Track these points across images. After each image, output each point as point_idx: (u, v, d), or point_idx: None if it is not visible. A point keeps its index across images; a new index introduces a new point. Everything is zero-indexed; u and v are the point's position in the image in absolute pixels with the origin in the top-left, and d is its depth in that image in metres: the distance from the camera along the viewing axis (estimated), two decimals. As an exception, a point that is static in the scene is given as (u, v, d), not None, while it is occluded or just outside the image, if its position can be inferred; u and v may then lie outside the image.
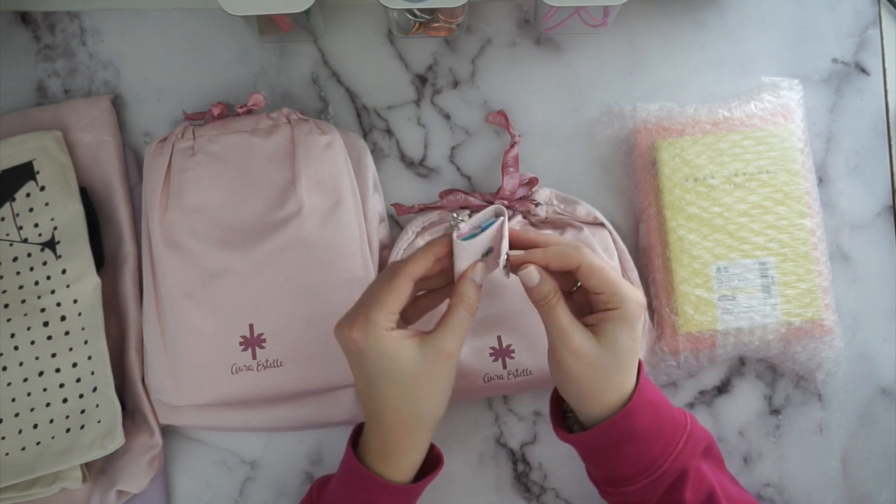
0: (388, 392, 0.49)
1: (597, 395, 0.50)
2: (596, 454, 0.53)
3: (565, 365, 0.49)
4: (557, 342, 0.50)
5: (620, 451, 0.51)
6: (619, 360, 0.50)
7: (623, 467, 0.51)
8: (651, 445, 0.51)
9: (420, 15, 0.64)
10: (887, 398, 0.66)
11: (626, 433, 0.50)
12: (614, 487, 0.53)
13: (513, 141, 0.64)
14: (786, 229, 0.63)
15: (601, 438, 0.51)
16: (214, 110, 0.63)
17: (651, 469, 0.51)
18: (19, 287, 0.61)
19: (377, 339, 0.48)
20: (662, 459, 0.51)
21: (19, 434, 0.59)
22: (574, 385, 0.50)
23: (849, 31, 0.69)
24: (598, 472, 0.54)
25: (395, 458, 0.51)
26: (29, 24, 0.69)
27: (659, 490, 0.51)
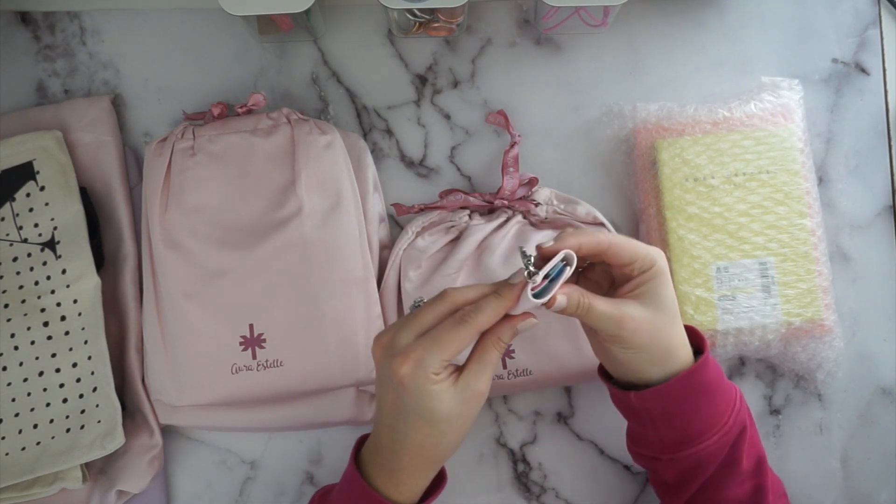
0: (419, 429, 0.48)
1: (667, 354, 0.51)
2: (669, 411, 0.52)
3: (630, 342, 0.49)
4: (613, 329, 0.49)
5: (695, 404, 0.51)
6: (671, 313, 0.51)
7: (696, 422, 0.51)
8: (719, 399, 0.52)
9: (420, 15, 0.64)
10: (887, 398, 0.66)
11: (703, 384, 0.51)
12: (682, 450, 0.52)
13: (513, 141, 0.64)
14: (786, 229, 0.63)
15: (679, 390, 0.51)
16: (214, 110, 0.63)
17: (720, 423, 0.51)
18: (19, 287, 0.61)
19: (424, 382, 0.46)
20: (728, 415, 0.52)
21: (19, 434, 0.59)
22: (644, 355, 0.50)
23: (849, 31, 0.69)
24: (664, 434, 0.52)
25: (406, 485, 0.50)
26: (29, 24, 0.69)
27: (724, 448, 0.51)
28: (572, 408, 0.66)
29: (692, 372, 0.51)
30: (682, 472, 0.53)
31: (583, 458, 0.65)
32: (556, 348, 0.61)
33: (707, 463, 0.52)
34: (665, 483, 0.55)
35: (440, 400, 0.47)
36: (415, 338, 0.47)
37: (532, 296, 0.46)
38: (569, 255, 0.48)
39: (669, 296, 0.51)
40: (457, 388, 0.47)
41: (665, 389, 0.51)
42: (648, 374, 0.51)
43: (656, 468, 0.55)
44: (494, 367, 0.49)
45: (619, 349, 0.50)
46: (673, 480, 0.54)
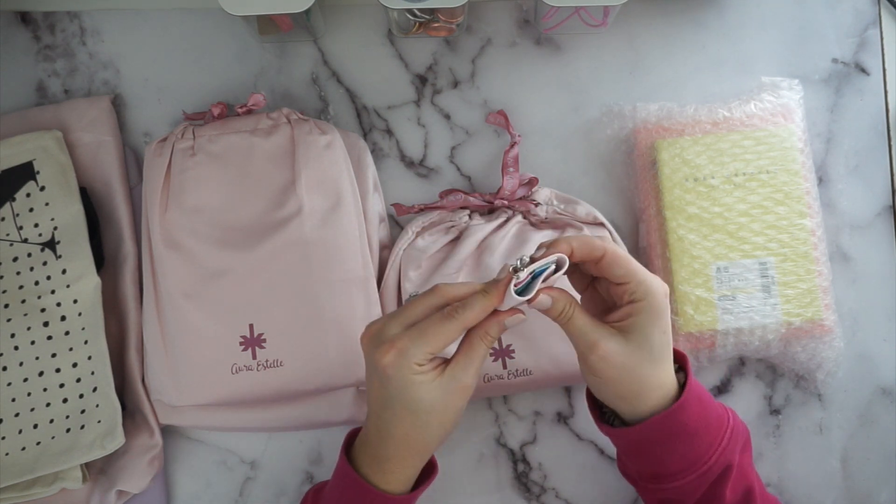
0: (403, 418, 0.49)
1: (636, 394, 0.49)
2: (641, 449, 0.51)
3: (597, 370, 0.48)
4: (585, 352, 0.49)
5: (668, 447, 0.50)
6: (652, 355, 0.48)
7: (669, 463, 0.50)
8: (699, 441, 0.50)
9: (420, 15, 0.64)
10: (887, 398, 0.66)
11: (676, 429, 0.49)
12: (657, 483, 0.51)
13: (513, 141, 0.64)
14: (786, 229, 0.63)
15: (650, 434, 0.49)
16: (214, 110, 0.63)
17: (697, 465, 0.50)
18: (19, 287, 0.61)
19: (407, 372, 0.47)
20: (708, 455, 0.50)
21: (19, 434, 0.59)
22: (610, 387, 0.49)
23: (849, 31, 0.69)
24: (640, 467, 0.53)
25: (394, 474, 0.50)
26: (29, 24, 0.69)
27: (703, 486, 0.50)
28: (572, 408, 0.66)
29: (665, 417, 0.49)
30: (660, 501, 0.53)
31: (583, 458, 0.65)
32: (556, 348, 0.61)
33: (684, 497, 0.51)
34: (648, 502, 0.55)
35: (423, 390, 0.47)
36: (402, 329, 0.48)
37: (514, 291, 0.47)
38: (560, 258, 0.48)
39: (656, 337, 0.48)
40: (442, 380, 0.48)
41: (635, 432, 0.50)
42: (616, 406, 0.51)
43: (637, 491, 0.55)
44: (482, 360, 0.49)
45: (588, 374, 0.50)
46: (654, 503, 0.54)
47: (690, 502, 0.51)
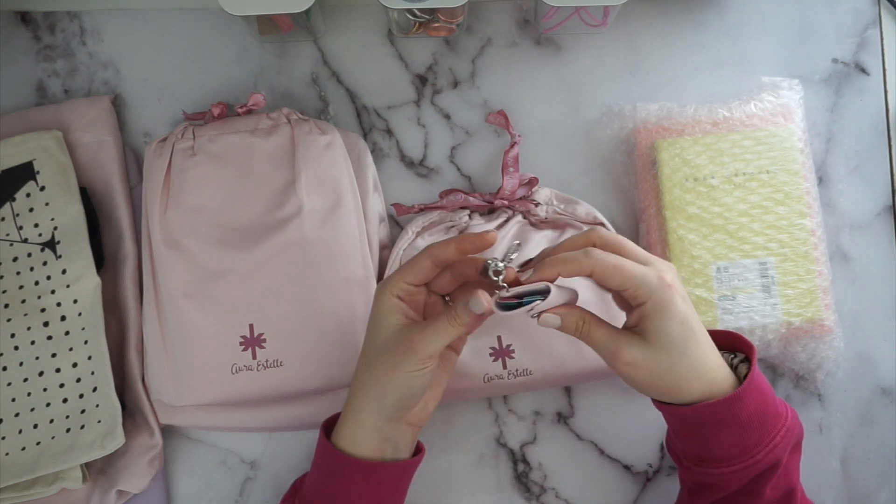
0: (365, 352, 0.51)
1: (676, 388, 0.48)
2: (689, 430, 0.50)
3: (628, 377, 0.48)
4: (610, 360, 0.49)
5: (717, 433, 0.49)
6: (679, 350, 0.47)
7: (716, 449, 0.49)
8: (751, 433, 0.49)
9: (420, 15, 0.64)
10: (887, 398, 0.66)
11: (729, 417, 0.48)
12: (700, 466, 0.51)
13: (513, 141, 0.64)
14: (786, 229, 0.63)
15: (697, 417, 0.49)
16: (214, 110, 0.63)
17: (745, 456, 0.49)
18: (19, 287, 0.61)
19: (380, 298, 0.50)
20: (758, 449, 0.49)
21: (19, 434, 0.59)
22: (647, 389, 0.49)
23: (849, 31, 0.69)
24: (687, 447, 0.52)
25: (357, 434, 0.50)
26: (29, 24, 0.69)
27: (745, 478, 0.50)
28: (572, 408, 0.66)
29: (717, 405, 0.48)
30: (698, 483, 0.52)
31: (583, 458, 0.65)
32: (556, 348, 0.61)
33: (724, 485, 0.51)
34: (685, 483, 0.55)
35: (383, 321, 0.50)
36: None
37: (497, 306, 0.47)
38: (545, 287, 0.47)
39: (675, 331, 0.47)
40: (402, 330, 0.49)
41: (683, 413, 0.49)
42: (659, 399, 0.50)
43: (679, 469, 0.55)
44: (443, 337, 0.49)
45: (623, 378, 0.49)
46: (691, 485, 0.54)
47: (728, 491, 0.51)
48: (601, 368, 0.61)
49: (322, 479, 0.52)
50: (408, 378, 0.49)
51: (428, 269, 0.50)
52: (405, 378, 0.49)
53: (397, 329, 0.50)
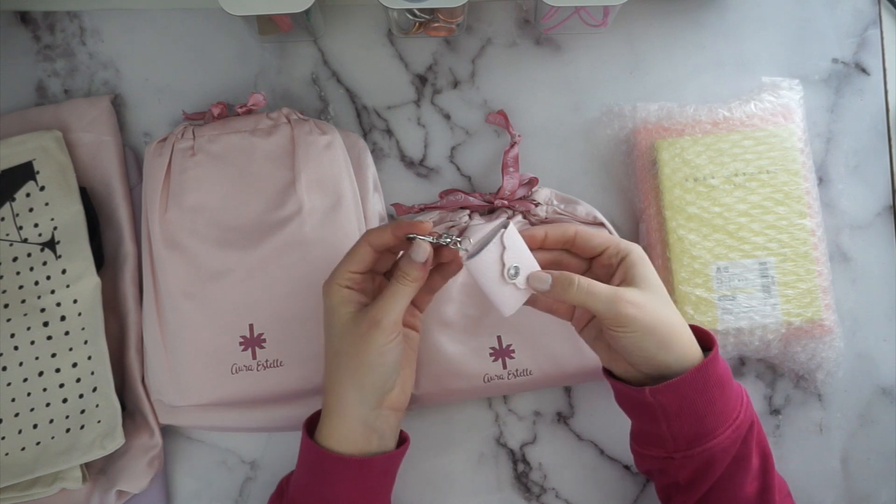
0: (329, 348, 0.52)
1: (673, 337, 0.51)
2: (685, 404, 0.51)
3: (632, 320, 0.49)
4: (614, 307, 0.49)
5: (709, 397, 0.51)
6: (664, 295, 0.52)
7: (710, 416, 0.51)
8: (730, 392, 0.52)
9: (420, 15, 0.64)
10: (887, 398, 0.66)
11: (716, 377, 0.51)
12: (695, 446, 0.51)
13: (513, 141, 0.64)
14: (786, 229, 0.63)
15: (696, 382, 0.50)
16: (214, 110, 0.63)
17: (732, 416, 0.51)
18: (19, 287, 0.61)
19: (329, 291, 0.52)
20: (738, 409, 0.52)
21: (19, 434, 0.59)
22: (648, 338, 0.50)
23: (849, 31, 0.69)
24: (680, 428, 0.52)
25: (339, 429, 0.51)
26: (29, 24, 0.69)
27: (736, 443, 0.51)
28: (572, 408, 0.66)
29: (707, 364, 0.50)
30: (694, 471, 0.52)
31: (583, 458, 0.65)
32: (556, 348, 0.61)
33: (720, 459, 0.51)
34: (675, 484, 0.54)
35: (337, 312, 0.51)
36: None
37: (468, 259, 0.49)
38: (503, 221, 0.50)
39: (657, 280, 0.52)
40: (357, 313, 0.51)
41: (681, 382, 0.50)
42: (658, 358, 0.51)
43: (667, 468, 0.54)
44: (400, 300, 0.50)
45: (623, 333, 0.50)
46: (684, 480, 0.53)
47: (724, 465, 0.52)
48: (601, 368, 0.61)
49: (309, 479, 0.52)
50: (380, 354, 0.50)
51: (368, 255, 0.51)
52: (377, 355, 0.50)
53: (354, 315, 0.51)
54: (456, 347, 0.61)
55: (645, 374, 0.52)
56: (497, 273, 0.49)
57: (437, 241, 0.50)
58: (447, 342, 0.61)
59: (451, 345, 0.61)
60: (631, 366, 0.53)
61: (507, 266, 0.49)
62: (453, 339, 0.61)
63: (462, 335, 0.61)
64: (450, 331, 0.61)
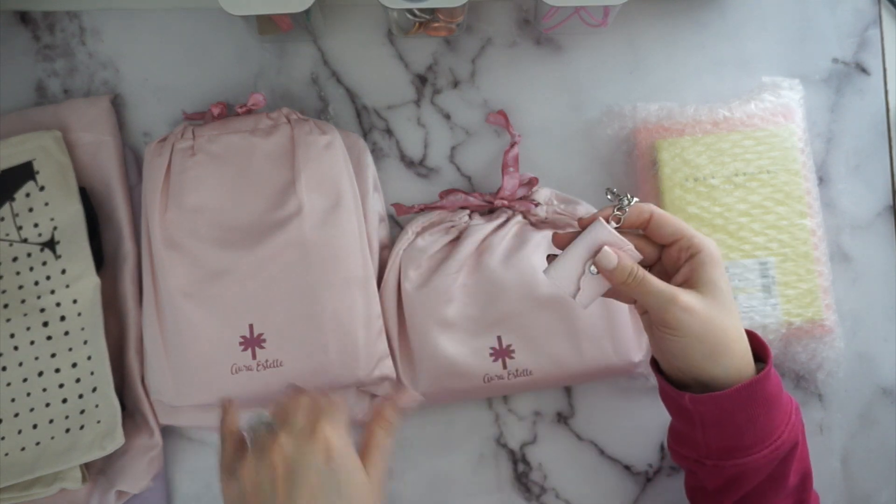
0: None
1: (722, 347, 0.48)
2: (725, 417, 0.49)
3: (681, 325, 0.48)
4: (665, 308, 0.48)
5: (752, 414, 0.49)
6: (727, 304, 0.49)
7: (748, 434, 0.49)
8: (776, 412, 0.49)
9: (420, 15, 0.64)
10: (887, 398, 0.66)
11: (763, 395, 0.49)
12: (728, 459, 0.50)
13: (513, 141, 0.64)
14: (786, 229, 0.63)
15: (740, 399, 0.48)
16: (214, 110, 0.63)
17: (773, 437, 0.49)
18: (19, 287, 0.61)
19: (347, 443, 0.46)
20: (781, 429, 0.49)
21: (19, 434, 0.59)
22: (696, 345, 0.48)
23: (849, 31, 0.69)
24: (715, 440, 0.50)
25: None
26: (29, 24, 0.69)
27: (773, 462, 0.50)
28: (572, 408, 0.66)
29: (755, 382, 0.48)
30: (724, 481, 0.51)
31: (583, 458, 0.65)
32: (556, 348, 0.61)
33: (751, 476, 0.50)
34: (702, 488, 0.54)
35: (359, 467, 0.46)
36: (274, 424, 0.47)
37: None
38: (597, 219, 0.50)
39: (724, 285, 0.49)
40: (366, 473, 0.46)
41: (724, 397, 0.48)
42: (703, 368, 0.49)
43: (697, 471, 0.53)
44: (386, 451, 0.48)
45: (671, 336, 0.49)
46: (712, 487, 0.53)
47: (756, 481, 0.50)
48: (601, 368, 0.61)
49: None
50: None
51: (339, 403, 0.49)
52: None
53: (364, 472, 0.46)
54: (456, 347, 0.61)
55: (690, 378, 0.51)
56: (590, 254, 0.49)
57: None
58: (447, 342, 0.61)
59: (451, 345, 0.61)
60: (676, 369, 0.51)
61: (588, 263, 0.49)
62: (453, 339, 0.61)
63: (462, 335, 0.61)
64: (450, 331, 0.61)
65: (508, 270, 0.61)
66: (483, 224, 0.63)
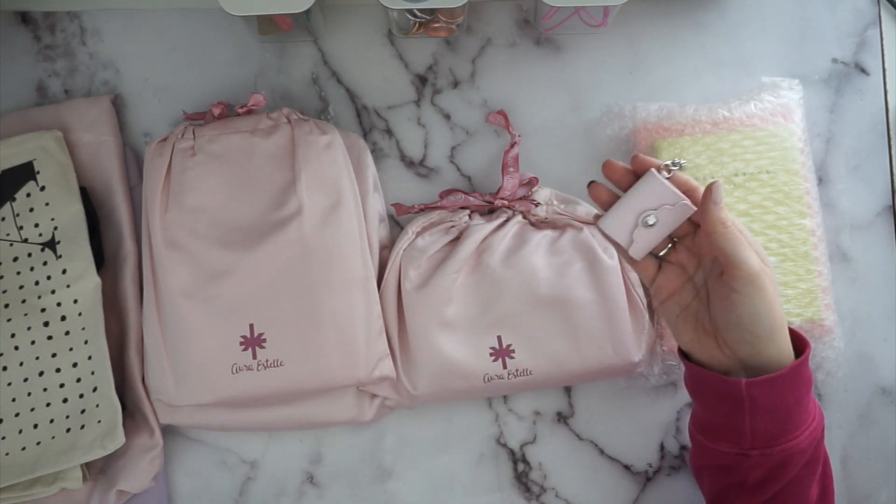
0: None
1: (775, 328, 0.49)
2: (777, 399, 0.50)
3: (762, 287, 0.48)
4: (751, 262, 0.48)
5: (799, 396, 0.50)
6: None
7: (794, 416, 0.50)
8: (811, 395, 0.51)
9: (420, 15, 0.64)
10: (887, 398, 0.66)
11: (807, 377, 0.50)
12: (777, 444, 0.50)
13: (513, 141, 0.64)
14: (786, 229, 0.63)
15: (792, 379, 0.49)
16: (214, 110, 0.63)
17: (809, 418, 0.51)
18: (19, 287, 0.61)
19: None
20: (814, 410, 0.52)
21: (19, 434, 0.59)
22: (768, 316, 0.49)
23: (849, 31, 0.69)
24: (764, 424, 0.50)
25: None
26: (29, 24, 0.69)
27: (813, 443, 0.51)
28: (572, 408, 0.66)
29: (804, 362, 0.50)
30: (768, 471, 0.51)
31: (583, 458, 0.65)
32: (556, 348, 0.61)
33: (796, 460, 0.51)
34: (740, 484, 0.53)
35: None
36: None
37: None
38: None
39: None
40: None
41: (780, 378, 0.49)
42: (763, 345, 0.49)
43: (737, 466, 0.52)
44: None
45: (747, 297, 0.48)
46: (754, 480, 0.52)
47: (800, 465, 0.51)
48: (601, 368, 0.61)
49: None
50: None
51: None
52: None
53: None
54: (456, 347, 0.61)
55: (736, 361, 0.51)
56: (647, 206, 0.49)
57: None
58: (447, 342, 0.61)
59: (451, 345, 0.61)
60: (726, 347, 0.51)
61: (655, 212, 0.49)
62: (453, 339, 0.61)
63: (462, 335, 0.61)
64: (450, 331, 0.61)
65: (508, 270, 0.61)
66: (483, 224, 0.63)
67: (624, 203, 0.50)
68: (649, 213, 0.49)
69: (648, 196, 0.49)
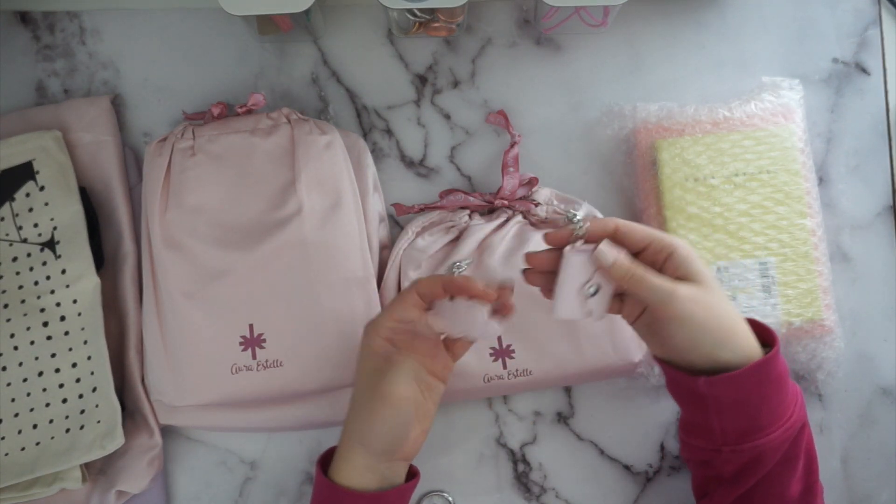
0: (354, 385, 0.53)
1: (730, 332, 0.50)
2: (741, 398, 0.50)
3: (688, 314, 0.49)
4: (668, 301, 0.49)
5: (766, 394, 0.50)
6: (719, 290, 0.51)
7: (764, 412, 0.50)
8: (786, 391, 0.51)
9: (420, 15, 0.64)
10: (887, 398, 0.66)
11: (775, 374, 0.50)
12: (744, 442, 0.51)
13: (513, 141, 0.64)
14: (786, 229, 0.63)
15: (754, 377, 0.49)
16: (214, 110, 0.63)
17: (785, 415, 0.51)
18: (19, 287, 0.61)
19: (366, 338, 0.53)
20: (791, 409, 0.51)
21: (19, 434, 0.59)
22: (706, 333, 0.49)
23: (849, 31, 0.69)
24: (731, 422, 0.51)
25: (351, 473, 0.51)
26: (29, 24, 0.69)
27: (786, 442, 0.51)
28: (572, 408, 0.66)
29: (767, 361, 0.50)
30: (741, 466, 0.52)
31: (583, 458, 0.65)
32: (556, 348, 0.61)
33: (768, 457, 0.51)
34: (718, 477, 0.54)
35: (363, 360, 0.52)
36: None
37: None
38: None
39: (708, 274, 0.50)
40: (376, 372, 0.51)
41: (739, 376, 0.49)
42: (714, 356, 0.50)
43: (713, 460, 0.53)
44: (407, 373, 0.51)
45: (678, 329, 0.49)
46: (729, 474, 0.53)
47: (772, 463, 0.51)
48: (601, 368, 0.61)
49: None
50: (388, 425, 0.50)
51: (415, 305, 0.51)
52: (386, 425, 0.50)
53: (373, 373, 0.51)
54: None
55: (701, 369, 0.51)
56: (581, 282, 0.50)
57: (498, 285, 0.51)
58: (447, 342, 0.61)
59: None
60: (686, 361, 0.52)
61: (591, 282, 0.50)
62: (453, 339, 0.61)
63: (462, 335, 0.61)
64: (450, 331, 0.61)
65: (508, 270, 0.61)
66: (483, 224, 0.63)
67: (561, 287, 0.51)
68: (587, 285, 0.50)
69: (577, 272, 0.50)
